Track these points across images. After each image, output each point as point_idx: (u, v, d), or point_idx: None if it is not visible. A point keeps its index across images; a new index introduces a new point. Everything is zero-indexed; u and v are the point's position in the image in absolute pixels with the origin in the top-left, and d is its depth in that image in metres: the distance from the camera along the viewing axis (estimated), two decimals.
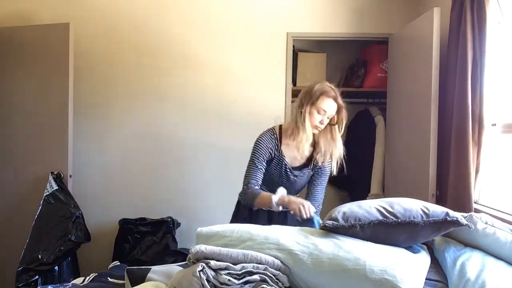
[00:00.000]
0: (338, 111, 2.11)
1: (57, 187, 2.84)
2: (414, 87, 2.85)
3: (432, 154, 2.58)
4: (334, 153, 2.16)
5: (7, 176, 3.07)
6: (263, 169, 2.16)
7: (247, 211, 2.26)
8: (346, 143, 3.81)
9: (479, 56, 2.34)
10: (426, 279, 1.55)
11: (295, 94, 3.53)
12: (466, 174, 2.34)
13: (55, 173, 2.89)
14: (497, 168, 2.41)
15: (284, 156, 2.18)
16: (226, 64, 3.37)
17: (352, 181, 3.73)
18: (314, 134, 2.13)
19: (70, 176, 2.95)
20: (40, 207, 2.79)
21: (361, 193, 3.42)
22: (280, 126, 2.24)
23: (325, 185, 2.27)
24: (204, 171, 3.39)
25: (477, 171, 2.37)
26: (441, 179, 2.59)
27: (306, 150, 2.13)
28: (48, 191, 2.82)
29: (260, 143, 2.16)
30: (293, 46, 3.45)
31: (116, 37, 3.34)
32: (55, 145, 2.96)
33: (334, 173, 2.20)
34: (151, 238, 3.10)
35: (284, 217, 2.22)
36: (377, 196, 3.27)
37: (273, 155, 2.18)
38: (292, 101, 3.44)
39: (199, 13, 3.35)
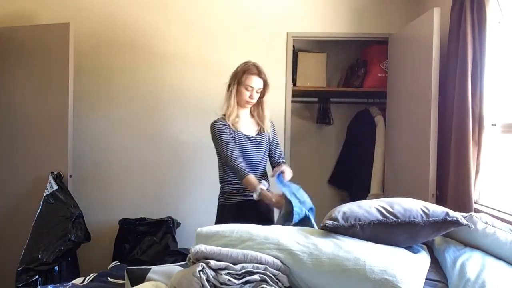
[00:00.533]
0: (265, 85, 2.41)
1: (57, 187, 2.83)
2: (414, 87, 2.85)
3: (432, 154, 2.58)
4: (266, 122, 2.48)
5: (7, 176, 3.07)
6: (234, 144, 2.36)
7: (233, 207, 2.42)
8: (346, 143, 3.89)
9: (479, 56, 2.34)
10: (426, 279, 1.55)
11: (295, 94, 3.55)
12: (466, 174, 2.33)
13: (55, 173, 2.89)
14: (497, 168, 2.40)
15: (241, 131, 2.43)
16: (226, 64, 3.34)
17: (352, 181, 3.74)
18: (250, 108, 2.47)
19: (70, 176, 2.95)
20: (40, 207, 2.79)
21: (361, 193, 3.42)
22: (223, 115, 2.47)
23: (278, 141, 2.62)
24: (204, 171, 3.39)
25: (477, 171, 2.37)
26: (441, 179, 2.59)
27: (239, 123, 2.42)
28: (48, 191, 2.82)
29: (215, 126, 2.40)
30: (293, 46, 3.45)
31: (116, 37, 3.34)
32: (55, 145, 2.96)
33: (271, 135, 2.53)
34: (151, 238, 3.10)
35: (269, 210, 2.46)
36: (377, 196, 3.27)
37: (232, 135, 2.39)
38: (292, 101, 3.46)
39: (199, 13, 3.35)
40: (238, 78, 2.37)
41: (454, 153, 2.42)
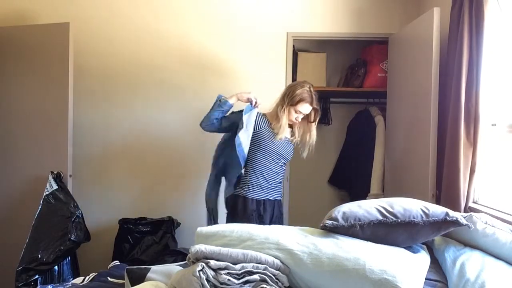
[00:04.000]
0: (316, 112, 2.61)
1: (57, 187, 2.83)
2: (414, 87, 2.85)
3: (432, 154, 2.58)
4: (308, 141, 2.65)
5: (7, 176, 3.07)
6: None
7: (254, 203, 2.55)
8: (346, 143, 3.88)
9: (475, 56, 2.32)
10: (426, 279, 1.55)
11: None
12: (456, 173, 2.33)
13: (55, 172, 2.89)
14: (499, 168, 2.39)
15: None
16: (226, 64, 3.37)
17: (352, 181, 3.74)
18: (293, 123, 2.63)
19: (70, 176, 2.95)
20: (40, 207, 2.79)
21: (361, 193, 3.42)
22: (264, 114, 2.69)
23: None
24: (204, 171, 3.38)
25: (472, 171, 2.35)
26: (441, 179, 2.59)
27: (287, 134, 2.65)
28: (48, 191, 2.82)
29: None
30: (293, 46, 3.45)
31: (116, 36, 3.34)
32: (55, 145, 2.96)
33: (304, 156, 2.68)
34: (151, 238, 3.10)
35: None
36: (377, 196, 3.27)
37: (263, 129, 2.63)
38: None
39: (199, 13, 3.35)
40: (294, 102, 2.52)
41: (447, 153, 2.42)
